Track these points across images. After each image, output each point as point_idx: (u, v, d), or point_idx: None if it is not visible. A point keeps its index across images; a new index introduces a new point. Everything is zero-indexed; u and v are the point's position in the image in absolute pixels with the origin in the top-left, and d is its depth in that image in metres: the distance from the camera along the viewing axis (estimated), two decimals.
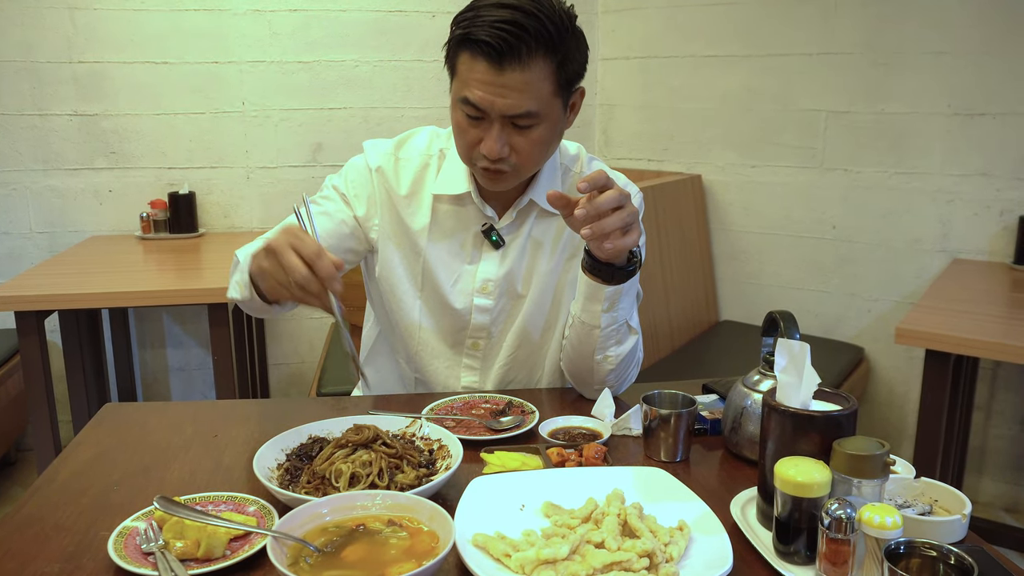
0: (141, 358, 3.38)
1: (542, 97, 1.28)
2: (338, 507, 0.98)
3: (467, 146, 1.34)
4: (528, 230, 1.48)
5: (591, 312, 1.34)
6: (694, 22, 3.27)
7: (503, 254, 1.47)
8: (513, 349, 1.51)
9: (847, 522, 0.87)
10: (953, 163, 2.84)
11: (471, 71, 1.27)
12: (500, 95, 1.26)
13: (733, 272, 3.36)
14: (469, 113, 1.30)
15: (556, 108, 1.32)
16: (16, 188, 3.14)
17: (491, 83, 1.25)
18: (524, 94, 1.26)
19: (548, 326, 1.51)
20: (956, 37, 2.76)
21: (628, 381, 1.48)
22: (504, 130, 1.30)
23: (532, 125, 1.30)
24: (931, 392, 2.17)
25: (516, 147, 1.31)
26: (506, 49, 1.23)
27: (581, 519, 1.00)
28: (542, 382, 1.56)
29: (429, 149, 1.48)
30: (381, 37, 3.28)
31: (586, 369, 1.42)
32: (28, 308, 2.36)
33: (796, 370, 1.01)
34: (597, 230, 1.18)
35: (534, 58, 1.25)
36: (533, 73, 1.25)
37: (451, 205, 1.46)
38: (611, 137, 3.60)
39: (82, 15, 3.06)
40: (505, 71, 1.24)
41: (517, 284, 1.48)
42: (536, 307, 1.49)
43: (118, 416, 1.42)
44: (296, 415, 1.36)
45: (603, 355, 1.38)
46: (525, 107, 1.27)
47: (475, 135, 1.32)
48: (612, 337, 1.37)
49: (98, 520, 1.05)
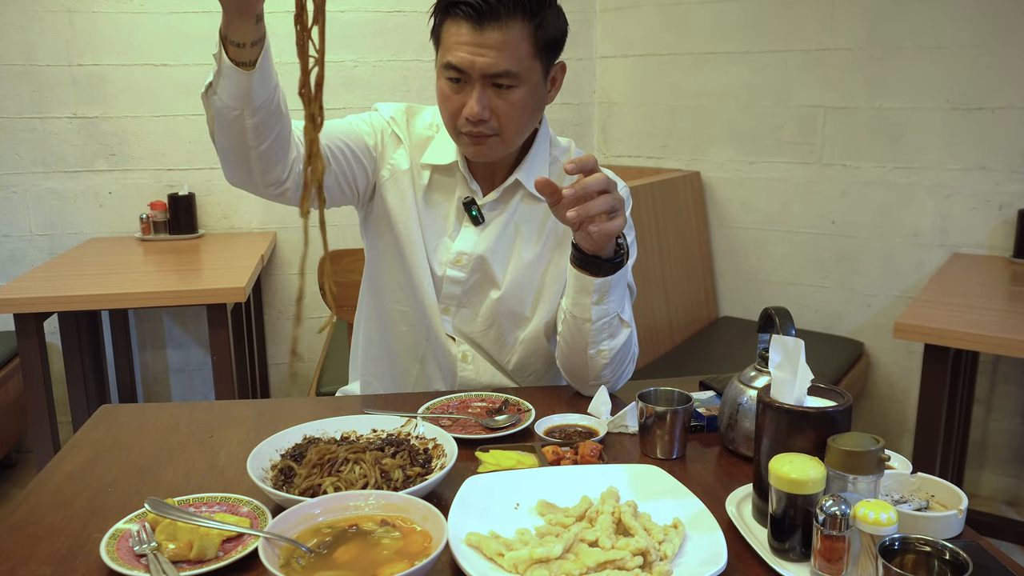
0: (141, 359, 3.38)
1: (520, 59, 1.34)
2: (331, 507, 0.97)
3: (451, 114, 1.39)
4: (512, 212, 1.50)
5: (581, 306, 1.35)
6: (692, 19, 3.26)
7: (482, 231, 1.49)
8: (484, 328, 1.53)
9: (842, 519, 0.87)
10: (952, 157, 2.83)
11: (453, 36, 1.34)
12: (480, 54, 1.32)
13: (733, 268, 3.35)
14: (451, 76, 1.35)
15: (535, 73, 1.37)
16: (16, 191, 3.14)
17: (471, 43, 1.32)
18: (503, 53, 1.32)
19: (523, 318, 1.53)
20: (954, 31, 2.76)
21: (625, 376, 1.48)
22: (485, 92, 1.35)
23: (512, 86, 1.35)
24: (930, 386, 2.17)
25: (496, 110, 1.36)
26: (486, 9, 1.30)
27: (575, 517, 1.00)
28: (510, 365, 1.56)
29: (432, 124, 1.54)
30: (380, 37, 3.28)
31: (581, 364, 1.42)
32: (27, 310, 2.36)
33: (791, 366, 1.00)
34: (583, 212, 1.20)
35: (513, 18, 1.31)
36: (511, 33, 1.32)
37: (440, 175, 1.51)
38: (610, 135, 3.60)
39: (81, 18, 3.06)
40: (485, 30, 1.31)
41: (495, 266, 1.50)
42: (511, 295, 1.51)
43: (114, 417, 1.42)
44: (292, 415, 1.36)
45: (596, 349, 1.38)
46: (504, 66, 1.33)
47: (458, 101, 1.36)
48: (604, 331, 1.37)
49: (91, 522, 1.05)
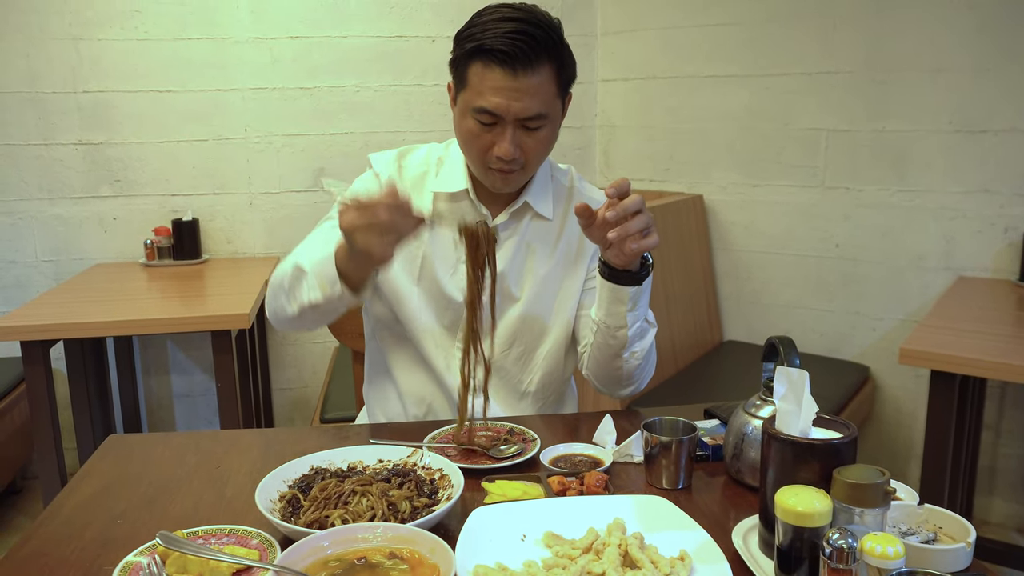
0: (145, 385, 3.39)
1: (549, 99, 1.40)
2: (339, 540, 0.98)
3: (480, 151, 1.42)
4: (522, 234, 1.55)
5: (616, 315, 1.41)
6: (693, 43, 3.29)
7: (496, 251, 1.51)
8: (505, 348, 1.56)
9: (849, 552, 0.87)
10: (955, 180, 2.84)
11: (485, 79, 1.37)
12: (515, 99, 1.36)
13: (736, 292, 3.36)
14: (483, 120, 1.39)
15: (557, 108, 1.44)
16: (22, 217, 3.16)
17: (507, 88, 1.36)
18: (536, 97, 1.37)
19: (544, 331, 1.57)
20: (954, 54, 2.77)
21: (649, 374, 1.55)
22: (516, 132, 1.39)
23: (541, 126, 1.41)
24: (937, 413, 2.16)
25: (525, 147, 1.41)
26: (520, 56, 1.34)
27: (582, 549, 1.00)
28: (532, 385, 1.59)
29: (428, 159, 1.57)
30: (382, 62, 3.31)
31: (616, 369, 1.49)
32: (33, 338, 2.37)
33: (795, 398, 1.01)
34: (623, 232, 1.26)
35: (542, 63, 1.36)
36: (542, 76, 1.37)
37: (449, 203, 1.53)
38: (612, 158, 3.61)
39: (87, 45, 3.09)
40: (519, 77, 1.35)
41: (511, 285, 1.54)
42: (531, 310, 1.55)
43: (122, 447, 1.42)
44: (298, 444, 1.37)
45: (630, 352, 1.46)
46: (537, 109, 1.38)
47: (488, 140, 1.41)
48: (637, 334, 1.45)
49: (102, 554, 1.05)
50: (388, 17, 3.28)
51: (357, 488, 1.12)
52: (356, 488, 1.12)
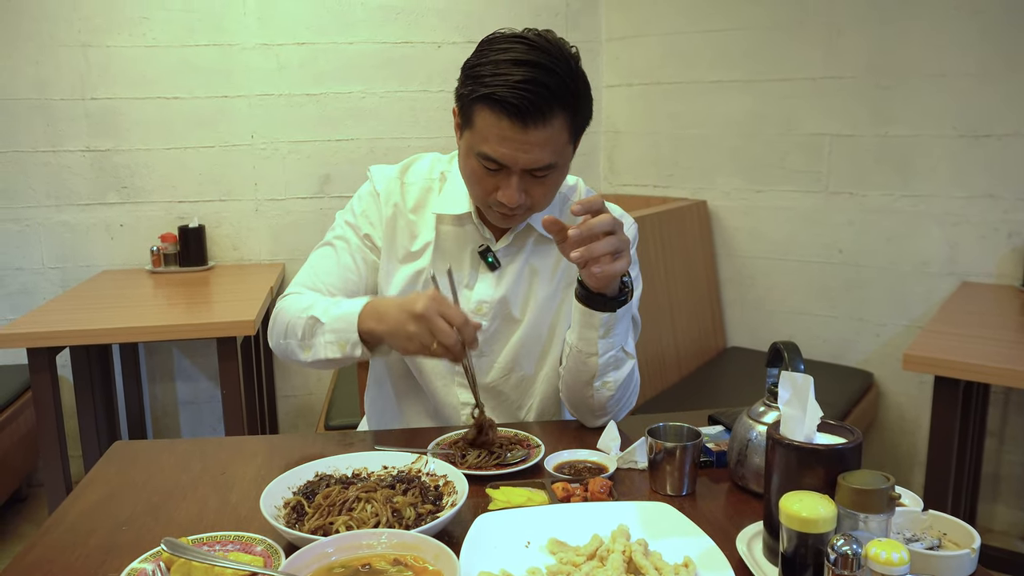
0: (151, 392, 3.39)
1: (559, 149, 1.33)
2: (344, 546, 0.98)
3: (483, 193, 1.37)
4: (526, 255, 1.51)
5: (587, 340, 1.36)
6: (697, 49, 3.30)
7: (499, 277, 1.50)
8: (505, 372, 1.53)
9: (853, 558, 0.87)
10: (959, 185, 2.84)
11: (492, 127, 1.29)
12: (523, 151, 1.29)
13: (740, 298, 3.36)
14: (488, 166, 1.33)
15: (568, 153, 1.37)
16: (29, 224, 3.17)
17: (514, 139, 1.28)
18: (546, 149, 1.30)
19: (542, 354, 1.54)
20: (958, 59, 2.78)
21: (627, 407, 1.49)
22: (522, 180, 1.33)
23: (549, 174, 1.35)
24: (941, 419, 2.15)
25: (532, 192, 1.36)
26: (530, 108, 1.25)
27: (586, 556, 1.00)
28: (531, 412, 1.57)
29: (431, 173, 1.53)
30: (387, 68, 3.32)
31: (586, 396, 1.43)
32: (40, 345, 2.38)
33: (800, 403, 1.01)
34: (587, 253, 1.21)
35: (554, 114, 1.28)
36: (553, 128, 1.29)
37: (452, 225, 1.50)
38: (616, 164, 3.62)
39: (95, 52, 3.11)
40: (528, 129, 1.27)
41: (513, 308, 1.51)
42: (531, 333, 1.52)
43: (127, 454, 1.43)
44: (302, 451, 1.37)
45: (602, 381, 1.40)
46: (546, 160, 1.31)
47: (492, 183, 1.35)
48: (610, 364, 1.39)
49: (106, 561, 1.05)
50: (394, 23, 3.29)
51: (361, 495, 1.12)
52: (360, 495, 1.12)
